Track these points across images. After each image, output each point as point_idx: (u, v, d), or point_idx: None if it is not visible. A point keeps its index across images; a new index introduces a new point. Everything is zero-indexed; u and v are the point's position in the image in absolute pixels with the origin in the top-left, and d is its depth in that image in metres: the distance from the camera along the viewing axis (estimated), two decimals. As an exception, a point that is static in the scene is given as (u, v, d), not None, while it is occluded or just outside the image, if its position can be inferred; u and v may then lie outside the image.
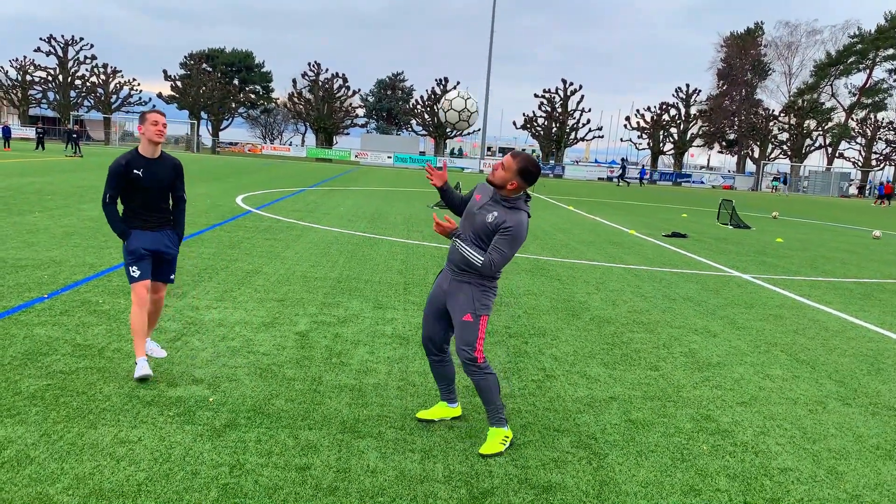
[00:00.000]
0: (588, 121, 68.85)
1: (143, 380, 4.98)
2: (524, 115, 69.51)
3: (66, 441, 4.00)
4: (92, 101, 69.99)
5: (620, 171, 56.49)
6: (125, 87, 70.39)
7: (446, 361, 4.68)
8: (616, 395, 5.41)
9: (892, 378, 6.39)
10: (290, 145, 74.19)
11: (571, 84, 68.67)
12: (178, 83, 70.50)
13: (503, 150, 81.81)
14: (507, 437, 4.35)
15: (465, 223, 4.35)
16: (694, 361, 6.48)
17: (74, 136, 41.90)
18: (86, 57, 68.76)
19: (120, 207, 5.20)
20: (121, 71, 70.40)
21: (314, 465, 3.93)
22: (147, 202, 5.16)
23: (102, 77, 69.43)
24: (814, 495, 4.00)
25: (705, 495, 3.90)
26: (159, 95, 71.45)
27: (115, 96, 70.10)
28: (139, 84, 71.39)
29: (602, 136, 72.19)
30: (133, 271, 5.12)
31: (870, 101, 74.20)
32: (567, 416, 4.90)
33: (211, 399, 4.76)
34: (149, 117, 5.09)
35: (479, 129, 70.43)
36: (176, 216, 5.39)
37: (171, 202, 5.36)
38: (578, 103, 68.50)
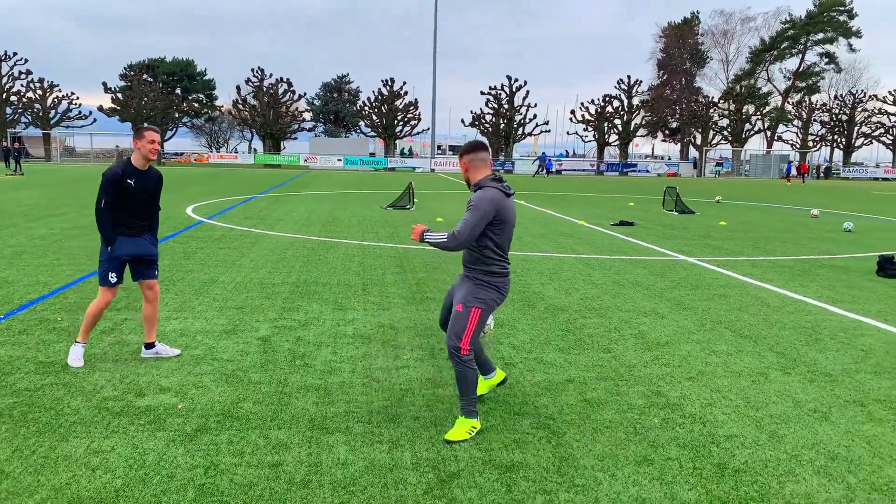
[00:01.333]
0: (535, 116, 69.64)
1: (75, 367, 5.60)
2: (472, 112, 70.01)
3: (40, 455, 4.07)
4: (29, 118, 68.11)
5: (540, 166, 58.03)
6: (64, 102, 68.69)
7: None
8: (572, 378, 5.67)
9: (829, 347, 6.79)
10: (236, 153, 73.35)
11: (517, 80, 69.40)
12: (119, 95, 69.07)
13: (452, 148, 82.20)
14: (475, 428, 4.53)
15: None
16: (644, 342, 6.79)
17: (14, 153, 40.75)
18: (20, 72, 66.87)
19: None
20: (58, 85, 68.64)
21: (286, 462, 4.07)
22: (134, 210, 5.61)
23: (39, 92, 67.64)
24: (757, 458, 4.29)
25: (657, 464, 4.16)
26: (100, 108, 69.91)
27: (53, 111, 68.35)
28: (78, 98, 69.65)
29: (549, 131, 73.23)
30: (111, 277, 5.62)
31: (804, 84, 76.71)
32: (526, 400, 5.13)
33: (179, 406, 4.87)
34: (147, 135, 5.50)
35: (427, 129, 70.73)
36: (153, 221, 5.86)
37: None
38: (524, 99, 69.23)
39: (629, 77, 71.34)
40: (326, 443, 4.34)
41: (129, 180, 5.51)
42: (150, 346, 5.94)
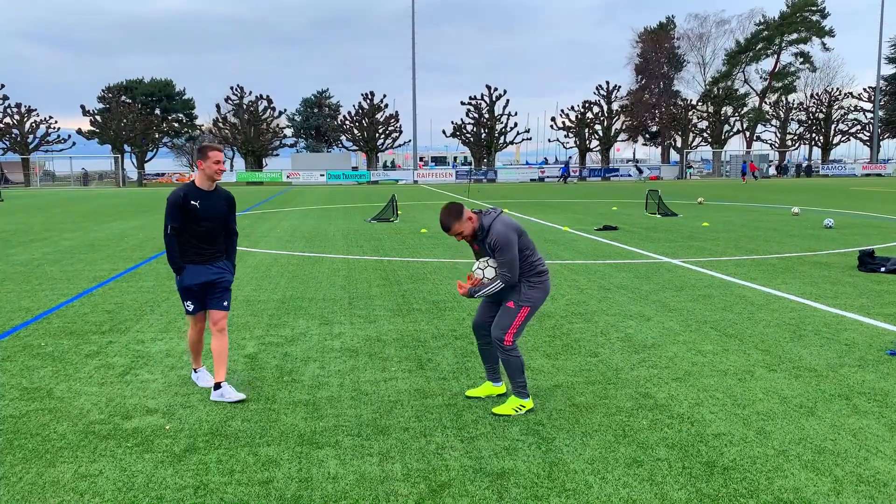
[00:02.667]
0: (515, 124, 69.97)
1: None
2: (453, 123, 70.16)
3: (26, 482, 4.04)
4: (7, 143, 67.56)
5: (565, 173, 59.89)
6: (42, 126, 68.17)
7: (493, 345, 5.19)
8: (560, 383, 5.69)
9: (813, 342, 6.85)
10: (219, 171, 72.95)
11: (496, 90, 69.67)
12: (98, 118, 68.69)
13: (435, 160, 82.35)
14: (524, 406, 4.98)
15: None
16: (630, 345, 6.82)
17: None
18: (-3, 98, 66.37)
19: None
20: (35, 109, 68.15)
21: (276, 478, 4.06)
22: (203, 235, 5.30)
23: (17, 117, 67.14)
24: (745, 454, 4.33)
25: (647, 465, 4.19)
26: (79, 132, 69.43)
27: (31, 136, 67.84)
28: (57, 122, 69.15)
29: (530, 138, 73.60)
30: (188, 306, 5.46)
31: (780, 84, 77.54)
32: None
33: (167, 427, 4.84)
34: (211, 156, 5.26)
35: (409, 141, 70.82)
36: (229, 247, 5.56)
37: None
38: (504, 108, 69.52)
39: (608, 83, 71.88)
40: (316, 457, 4.33)
41: (192, 202, 5.22)
42: (217, 386, 5.36)
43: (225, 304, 5.46)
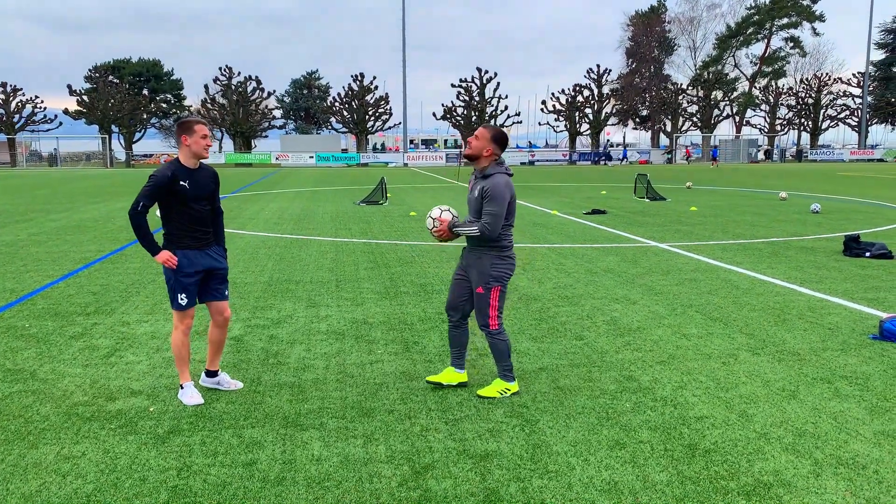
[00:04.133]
0: (506, 107, 69.86)
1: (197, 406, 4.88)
2: (443, 105, 69.96)
3: (8, 463, 4.02)
4: (-8, 123, 66.87)
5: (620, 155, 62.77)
6: (28, 106, 67.46)
7: (463, 327, 5.20)
8: (545, 366, 5.71)
9: (797, 326, 6.90)
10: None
11: (486, 72, 69.44)
12: (85, 98, 68.02)
13: (425, 143, 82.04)
14: (509, 390, 5.00)
15: (469, 209, 4.94)
16: (616, 328, 6.85)
17: None
18: (-19, 77, 65.63)
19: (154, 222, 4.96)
20: (21, 89, 67.43)
21: (260, 460, 4.06)
22: (195, 216, 4.90)
23: (2, 97, 66.40)
24: (727, 437, 4.36)
25: (630, 448, 4.21)
26: (66, 112, 68.75)
27: (17, 116, 67.14)
28: (43, 101, 68.46)
29: (521, 122, 73.30)
30: (182, 299, 4.90)
31: (770, 69, 77.71)
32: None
33: (151, 408, 4.83)
34: (197, 129, 4.83)
35: (399, 123, 70.55)
36: (217, 229, 5.15)
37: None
38: (495, 90, 69.30)
39: (598, 66, 71.72)
40: (300, 439, 4.34)
41: (181, 182, 4.79)
42: (212, 374, 5.24)
43: (227, 293, 5.17)
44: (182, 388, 5.02)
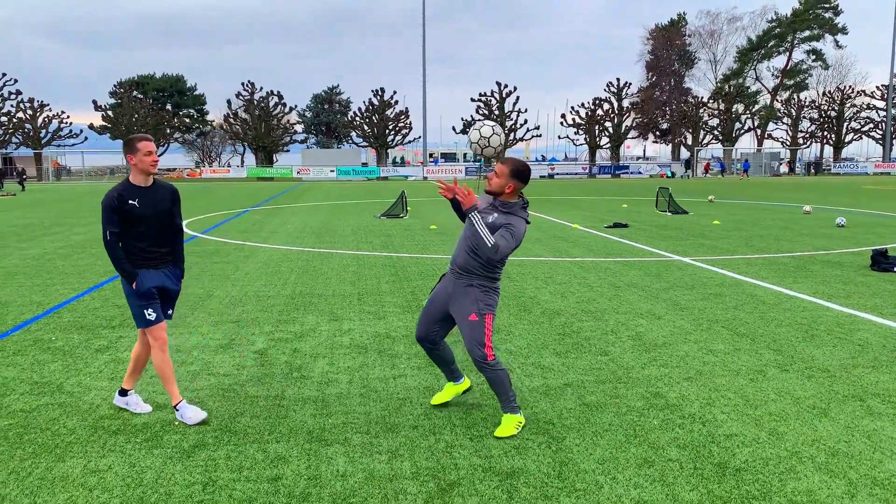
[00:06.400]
0: (525, 121, 69.73)
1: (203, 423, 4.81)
2: (462, 119, 70.24)
3: (36, 476, 4.04)
4: (20, 138, 67.94)
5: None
6: (54, 121, 68.54)
7: (441, 347, 4.99)
8: (570, 382, 5.65)
9: (825, 342, 6.79)
10: (228, 167, 73.27)
11: (506, 86, 69.54)
12: (109, 113, 69.01)
13: (445, 156, 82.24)
14: (521, 423, 4.68)
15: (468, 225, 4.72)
16: (641, 344, 6.78)
17: (24, 175, 41.94)
18: (10, 93, 66.73)
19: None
20: (48, 104, 68.50)
21: (285, 475, 4.05)
22: (147, 235, 4.79)
23: (29, 112, 67.51)
24: (757, 456, 4.28)
25: (658, 466, 4.15)
26: (91, 126, 69.74)
27: (44, 131, 68.21)
28: (69, 117, 69.54)
29: (540, 135, 73.28)
30: (149, 315, 4.83)
31: (792, 82, 77.11)
32: (525, 405, 5.11)
33: (176, 422, 4.83)
34: (141, 147, 4.71)
35: (419, 137, 70.77)
36: (175, 248, 5.05)
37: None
38: (514, 104, 69.36)
39: (618, 80, 71.58)
40: (325, 455, 4.32)
41: (130, 201, 4.69)
42: (124, 392, 5.10)
43: (170, 312, 5.08)
44: (177, 409, 4.88)
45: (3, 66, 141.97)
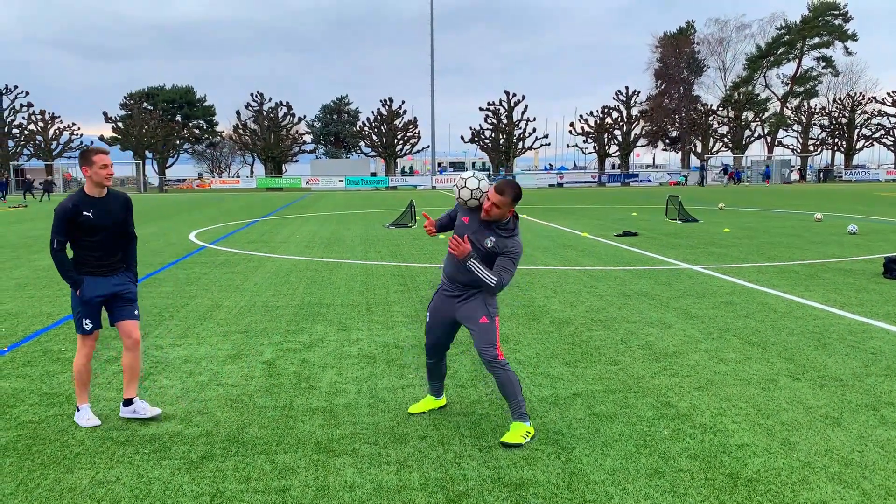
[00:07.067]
0: (534, 129, 69.76)
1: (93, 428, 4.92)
2: (471, 128, 70.21)
3: (44, 488, 4.04)
4: (31, 150, 68.50)
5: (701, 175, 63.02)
6: (65, 133, 69.08)
7: (442, 362, 5.13)
8: (579, 392, 5.62)
9: (838, 351, 6.72)
10: (238, 177, 73.62)
11: (514, 95, 69.60)
12: (120, 124, 69.48)
13: (453, 166, 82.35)
14: (529, 433, 4.65)
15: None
16: (651, 353, 6.73)
17: (42, 185, 42.63)
18: (21, 105, 67.35)
19: (70, 252, 4.99)
20: (59, 116, 69.07)
21: (293, 487, 4.03)
22: (102, 244, 4.92)
23: (41, 124, 68.07)
24: (769, 466, 4.23)
25: (669, 476, 4.11)
26: (101, 138, 70.18)
27: (55, 143, 68.74)
28: (79, 128, 70.08)
29: (549, 144, 73.22)
30: (86, 324, 4.98)
31: (802, 89, 76.91)
32: (534, 415, 5.07)
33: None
34: (96, 160, 4.82)
35: (427, 146, 70.94)
36: (128, 254, 5.15)
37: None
38: (523, 113, 69.39)
39: (627, 88, 71.56)
40: (333, 465, 4.30)
41: (85, 212, 4.80)
42: (127, 402, 5.12)
43: (136, 312, 5.13)
44: (78, 410, 5.06)
45: (14, 79, 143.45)
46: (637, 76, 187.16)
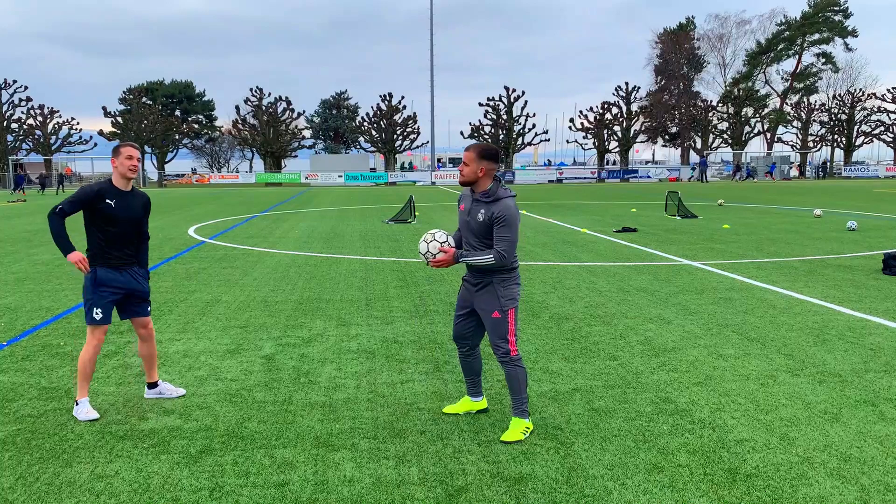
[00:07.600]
0: (534, 125, 69.71)
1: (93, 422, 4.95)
2: (470, 124, 70.13)
3: (43, 482, 4.04)
4: (31, 144, 68.39)
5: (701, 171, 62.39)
6: (64, 128, 68.95)
7: (475, 356, 4.97)
8: (578, 387, 5.62)
9: (837, 347, 6.73)
10: (237, 172, 73.56)
11: (514, 91, 69.48)
12: (119, 119, 69.38)
13: (453, 161, 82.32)
14: (529, 429, 4.64)
15: (465, 233, 4.71)
16: (650, 348, 6.73)
17: (38, 179, 42.89)
18: (20, 99, 67.22)
19: (78, 242, 5.04)
20: (58, 111, 68.94)
21: (292, 481, 4.03)
22: (119, 236, 5.03)
23: (39, 119, 67.96)
24: (768, 461, 4.24)
25: (668, 472, 4.11)
26: (100, 133, 70.12)
27: (54, 137, 68.65)
28: (78, 123, 69.94)
29: (549, 140, 73.43)
30: (96, 313, 5.00)
31: (801, 85, 76.91)
32: (533, 411, 5.07)
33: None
34: (123, 151, 5.02)
35: (427, 142, 70.88)
36: (140, 252, 5.27)
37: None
38: (523, 109, 69.32)
39: (627, 84, 71.47)
40: (332, 460, 4.30)
41: (108, 200, 4.95)
42: (152, 385, 5.43)
43: (149, 308, 5.32)
44: (77, 403, 5.05)
45: (13, 73, 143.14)
46: (637, 72, 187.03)
